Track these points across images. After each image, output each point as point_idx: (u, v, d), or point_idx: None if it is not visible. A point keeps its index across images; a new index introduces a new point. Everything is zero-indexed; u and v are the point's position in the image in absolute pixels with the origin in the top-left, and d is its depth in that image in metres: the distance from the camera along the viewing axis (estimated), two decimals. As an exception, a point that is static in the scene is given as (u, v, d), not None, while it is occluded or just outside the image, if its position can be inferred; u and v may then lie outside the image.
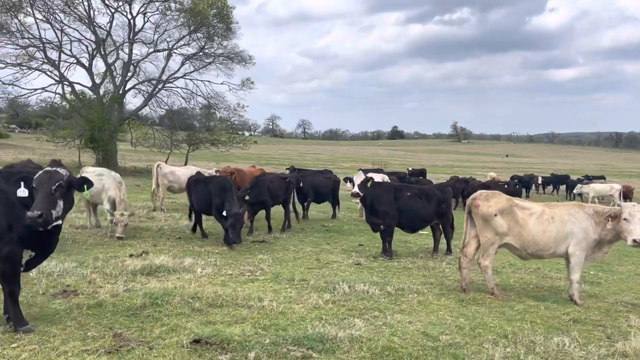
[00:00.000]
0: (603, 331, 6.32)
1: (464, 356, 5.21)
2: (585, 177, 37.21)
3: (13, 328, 5.33)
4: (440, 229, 11.16)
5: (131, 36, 37.78)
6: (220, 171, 16.46)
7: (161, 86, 39.56)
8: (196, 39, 39.06)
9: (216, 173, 15.75)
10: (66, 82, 37.24)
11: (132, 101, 50.98)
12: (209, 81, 40.16)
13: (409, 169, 35.96)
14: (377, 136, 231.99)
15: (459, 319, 6.48)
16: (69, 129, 37.27)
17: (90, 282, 7.33)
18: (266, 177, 13.47)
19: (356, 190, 10.29)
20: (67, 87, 37.68)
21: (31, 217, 4.94)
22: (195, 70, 40.01)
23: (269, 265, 9.15)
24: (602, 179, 37.93)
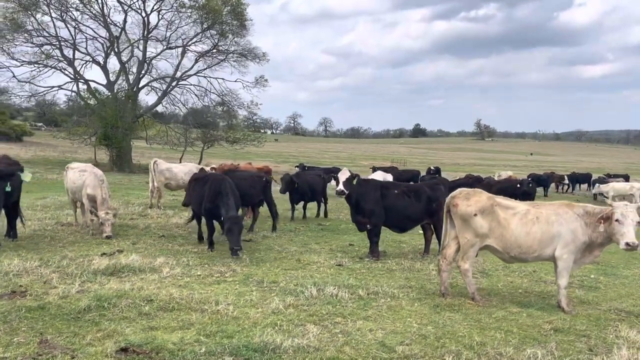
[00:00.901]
0: (586, 342, 5.71)
1: (416, 370, 4.72)
2: (606, 175, 35.85)
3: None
4: (431, 229, 10.59)
5: (145, 33, 37.93)
6: (216, 168, 16.15)
7: (175, 84, 39.63)
8: (209, 36, 39.03)
9: (211, 170, 15.43)
10: (81, 80, 37.62)
11: (146, 99, 51.30)
12: (222, 79, 40.15)
13: (431, 167, 35.17)
14: (400, 134, 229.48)
15: (427, 326, 5.97)
16: (83, 126, 37.66)
17: (45, 282, 7.03)
18: (235, 175, 12.65)
19: (341, 188, 9.79)
20: (82, 84, 38.10)
21: None
22: (209, 68, 39.97)
23: (244, 265, 8.73)
24: (623, 177, 36.47)
